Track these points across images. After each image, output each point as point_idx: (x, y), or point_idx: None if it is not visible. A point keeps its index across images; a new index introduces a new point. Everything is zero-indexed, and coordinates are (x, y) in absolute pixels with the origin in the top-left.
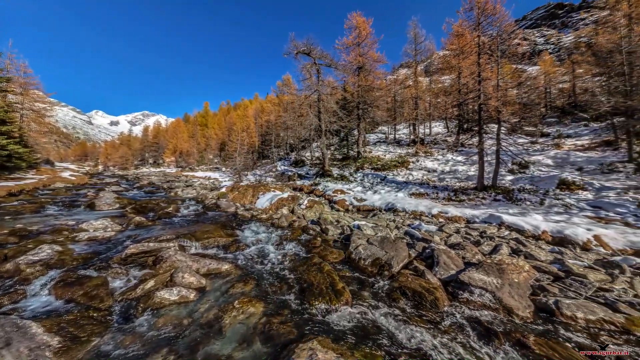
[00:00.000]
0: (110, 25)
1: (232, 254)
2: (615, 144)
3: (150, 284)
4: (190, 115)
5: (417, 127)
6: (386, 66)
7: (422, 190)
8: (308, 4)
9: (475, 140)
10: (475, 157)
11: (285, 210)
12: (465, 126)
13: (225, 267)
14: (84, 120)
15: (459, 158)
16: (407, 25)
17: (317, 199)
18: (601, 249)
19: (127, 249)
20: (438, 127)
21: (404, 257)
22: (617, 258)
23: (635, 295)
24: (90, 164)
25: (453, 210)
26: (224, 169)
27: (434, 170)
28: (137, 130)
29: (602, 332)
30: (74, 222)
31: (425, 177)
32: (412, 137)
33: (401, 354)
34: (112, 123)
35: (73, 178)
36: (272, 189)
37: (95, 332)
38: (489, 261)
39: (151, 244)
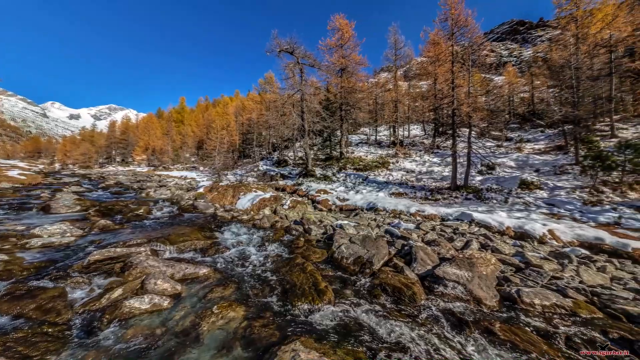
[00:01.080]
0: (68, 7)
1: (211, 258)
2: (566, 148)
3: (118, 292)
4: (165, 111)
5: (396, 130)
6: (368, 69)
7: (401, 190)
8: (291, 2)
9: (450, 143)
10: (449, 159)
11: (267, 211)
12: (440, 129)
13: (203, 271)
14: (37, 113)
15: (435, 159)
16: (387, 30)
17: (300, 199)
18: (554, 242)
19: (90, 255)
20: (416, 130)
21: (385, 254)
22: (567, 249)
23: (581, 282)
24: (45, 162)
25: (429, 209)
26: (201, 168)
27: (412, 171)
28: (103, 125)
29: (555, 316)
30: (23, 227)
31: (404, 178)
32: (392, 138)
33: (382, 349)
34: (72, 116)
35: (23, 177)
36: (254, 189)
37: (51, 350)
38: (461, 256)
39: (119, 250)
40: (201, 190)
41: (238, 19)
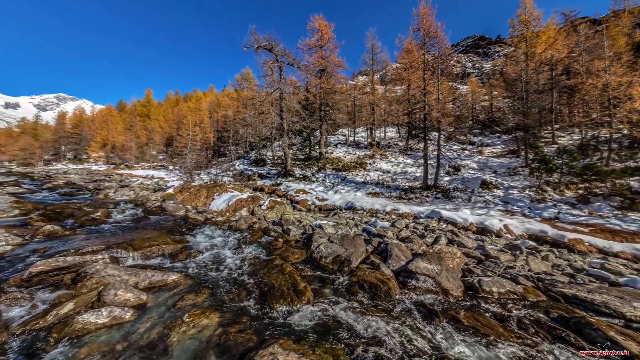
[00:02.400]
0: None
1: (181, 263)
2: (518, 152)
3: (68, 307)
4: (127, 103)
5: (373, 131)
6: (347, 71)
7: (377, 189)
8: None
9: (421, 145)
10: (421, 160)
11: (244, 212)
12: (413, 132)
13: (173, 277)
14: None
15: (409, 161)
16: (365, 35)
17: (278, 199)
18: (508, 235)
19: (32, 266)
20: (392, 132)
21: (362, 252)
22: (518, 242)
23: (529, 270)
24: None
25: (403, 208)
26: (171, 167)
27: (388, 172)
28: (49, 117)
29: (509, 301)
30: None
31: (380, 178)
32: (369, 140)
33: (359, 344)
34: (8, 105)
35: None
36: (230, 190)
37: None
38: (431, 251)
39: (70, 258)
40: (170, 190)
41: (213, 9)
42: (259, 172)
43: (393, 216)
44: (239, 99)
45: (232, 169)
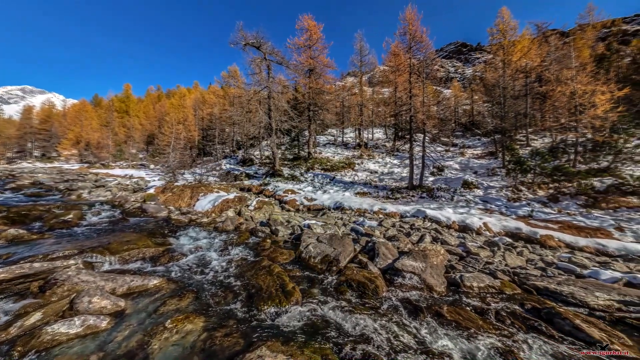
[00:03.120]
0: None
1: (164, 266)
2: (496, 154)
3: (36, 317)
4: (104, 98)
5: (361, 132)
6: (335, 72)
7: (365, 189)
8: None
9: (408, 146)
10: (408, 161)
11: (230, 213)
12: (400, 134)
13: (154, 282)
14: None
15: (395, 161)
16: (353, 37)
17: (266, 199)
18: (487, 233)
19: None
20: (379, 133)
21: (350, 251)
22: (496, 239)
23: (506, 265)
24: None
25: (390, 207)
26: (152, 166)
27: (376, 172)
28: (13, 111)
29: (488, 295)
30: None
31: (368, 178)
32: (357, 140)
33: (347, 343)
34: None
35: None
36: (216, 190)
37: None
38: (416, 249)
39: (37, 265)
40: (152, 191)
41: (199, 2)
42: (247, 171)
43: (380, 215)
44: (226, 96)
45: (218, 168)
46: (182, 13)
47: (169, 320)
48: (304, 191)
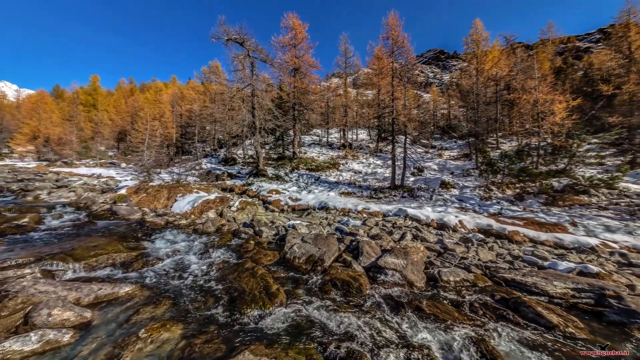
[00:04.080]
0: None
1: (137, 272)
2: (470, 156)
3: None
4: (67, 90)
5: (346, 133)
6: (320, 73)
7: (350, 189)
8: None
9: (390, 147)
10: (390, 162)
11: (212, 214)
12: (383, 135)
13: (126, 289)
14: None
15: (378, 162)
16: (338, 39)
17: (250, 199)
18: (463, 230)
19: None
20: (363, 134)
21: (335, 251)
22: (470, 235)
23: (479, 259)
24: None
25: (373, 207)
26: (124, 165)
27: (360, 172)
28: None
29: (463, 288)
30: None
31: (352, 178)
32: (342, 141)
33: (332, 341)
34: None
35: None
36: (195, 190)
37: None
38: (398, 247)
39: None
40: (123, 191)
41: None
42: (229, 171)
43: (364, 215)
44: (206, 92)
45: (198, 168)
46: (159, 2)
47: (143, 330)
48: (288, 191)
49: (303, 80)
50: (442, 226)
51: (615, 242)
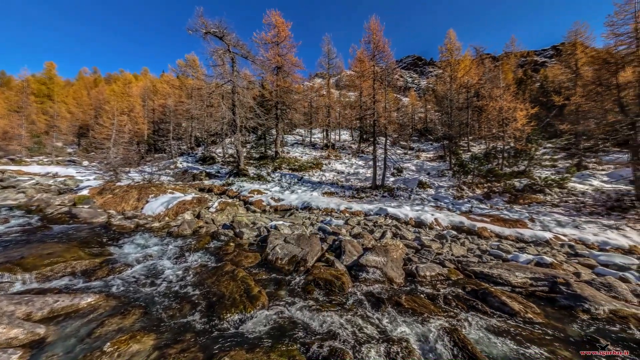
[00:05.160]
0: None
1: (101, 281)
2: (445, 157)
3: None
4: (14, 77)
5: (329, 133)
6: (304, 72)
7: (332, 189)
8: None
9: (371, 148)
10: (372, 162)
11: (188, 215)
12: (364, 136)
13: (88, 300)
14: None
15: (360, 162)
16: (321, 40)
17: (230, 200)
18: (438, 227)
19: None
20: (345, 135)
21: (318, 251)
22: (444, 232)
23: (452, 254)
24: None
25: (355, 206)
26: (86, 162)
27: (342, 172)
28: None
29: (438, 282)
30: None
31: (335, 178)
32: (325, 141)
33: (314, 341)
34: None
35: None
36: (170, 190)
37: None
38: (379, 245)
39: None
40: (85, 192)
41: None
42: (207, 170)
43: (346, 214)
44: (183, 87)
45: (172, 166)
46: None
47: (109, 343)
48: (271, 191)
49: (286, 79)
50: (419, 224)
51: (565, 236)
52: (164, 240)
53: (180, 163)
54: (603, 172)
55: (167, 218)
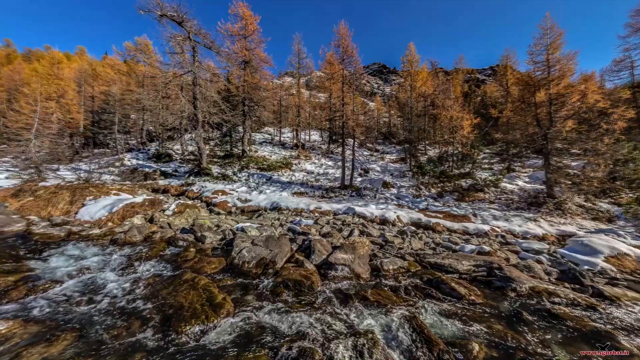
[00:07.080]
0: None
1: (17, 304)
2: (406, 160)
3: None
4: None
5: (299, 133)
6: (273, 70)
7: (302, 189)
8: None
9: (340, 149)
10: (340, 163)
11: (138, 220)
12: (334, 137)
13: None
14: None
15: (330, 163)
16: (291, 38)
17: (190, 202)
18: (400, 224)
19: None
20: (315, 135)
21: (287, 251)
22: (405, 228)
23: (412, 248)
24: None
25: (325, 206)
26: None
27: (312, 172)
28: None
29: (399, 275)
30: None
31: (305, 178)
32: (295, 141)
33: (283, 344)
34: None
35: None
36: (115, 191)
37: None
38: (347, 242)
39: None
40: None
41: None
42: (163, 169)
43: (316, 214)
44: (132, 74)
45: (118, 164)
46: None
47: None
48: (237, 192)
49: (254, 74)
50: (384, 221)
51: (498, 228)
52: (106, 249)
53: (129, 160)
54: (526, 174)
55: (110, 223)
